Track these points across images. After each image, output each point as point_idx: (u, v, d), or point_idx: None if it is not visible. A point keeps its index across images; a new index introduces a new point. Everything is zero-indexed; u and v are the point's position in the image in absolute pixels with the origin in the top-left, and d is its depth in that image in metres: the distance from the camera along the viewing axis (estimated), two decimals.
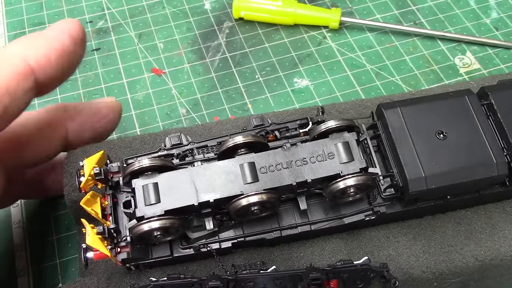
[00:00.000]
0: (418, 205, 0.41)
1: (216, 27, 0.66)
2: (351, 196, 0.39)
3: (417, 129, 0.40)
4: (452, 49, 0.63)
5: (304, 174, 0.38)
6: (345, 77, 0.61)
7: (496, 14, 0.67)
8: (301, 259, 0.42)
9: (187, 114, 0.58)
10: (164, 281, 0.36)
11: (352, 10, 0.68)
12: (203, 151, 0.42)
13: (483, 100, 0.42)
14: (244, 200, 0.37)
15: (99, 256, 0.37)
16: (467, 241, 0.43)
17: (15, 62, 0.33)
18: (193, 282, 0.36)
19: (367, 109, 0.49)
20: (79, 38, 0.36)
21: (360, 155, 0.39)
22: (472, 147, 0.39)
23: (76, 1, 0.69)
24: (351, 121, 0.40)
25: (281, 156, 0.38)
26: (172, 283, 0.36)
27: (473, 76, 0.60)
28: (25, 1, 0.68)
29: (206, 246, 0.40)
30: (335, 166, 0.38)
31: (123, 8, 0.68)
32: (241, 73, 0.62)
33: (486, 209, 0.44)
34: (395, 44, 0.64)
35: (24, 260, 0.48)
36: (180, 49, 0.64)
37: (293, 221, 0.41)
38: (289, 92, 0.60)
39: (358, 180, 0.37)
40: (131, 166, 0.38)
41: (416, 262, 0.42)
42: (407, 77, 0.61)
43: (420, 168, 0.38)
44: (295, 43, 0.64)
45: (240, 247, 0.41)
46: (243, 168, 0.38)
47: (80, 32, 0.36)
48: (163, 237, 0.37)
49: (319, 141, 0.39)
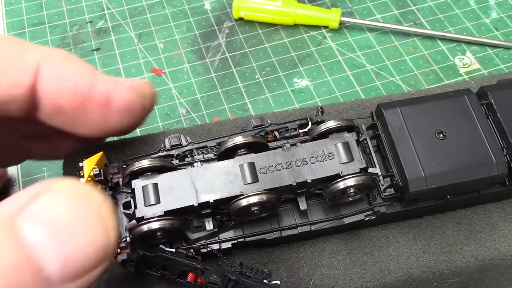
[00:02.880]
0: (418, 205, 0.41)
1: (216, 27, 0.66)
2: (351, 197, 0.39)
3: (416, 129, 0.40)
4: (452, 49, 0.63)
5: (304, 175, 0.38)
6: (345, 77, 0.61)
7: (496, 14, 0.67)
8: (301, 259, 0.42)
9: (187, 114, 0.58)
10: (169, 255, 0.36)
11: (352, 10, 0.68)
12: (202, 151, 0.42)
13: (482, 100, 0.42)
14: (244, 201, 0.37)
15: None
16: (467, 241, 0.43)
17: None
18: (195, 267, 0.36)
19: (367, 109, 0.49)
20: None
21: (360, 155, 0.39)
22: (471, 146, 0.39)
23: (76, 1, 0.69)
24: (351, 121, 0.40)
25: (281, 156, 0.38)
26: (177, 259, 0.36)
27: (473, 76, 0.60)
28: (25, 1, 0.68)
29: (206, 247, 0.40)
30: (335, 166, 0.38)
31: (123, 8, 0.68)
32: (241, 73, 0.62)
33: (486, 209, 0.44)
34: (395, 44, 0.64)
35: None
36: (180, 49, 0.64)
37: (293, 222, 0.41)
38: (289, 92, 0.60)
39: (358, 180, 0.37)
40: (131, 166, 0.38)
41: (416, 262, 0.42)
42: (407, 77, 0.61)
43: (420, 168, 0.38)
44: (295, 43, 0.64)
45: (240, 248, 0.41)
46: (243, 168, 0.38)
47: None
48: (163, 238, 0.37)
49: (319, 141, 0.39)
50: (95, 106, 0.35)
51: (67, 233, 0.25)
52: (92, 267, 0.26)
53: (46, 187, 0.26)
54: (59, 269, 0.25)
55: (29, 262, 0.24)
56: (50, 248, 0.24)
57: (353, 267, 0.41)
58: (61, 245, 0.25)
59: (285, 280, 0.41)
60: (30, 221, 0.25)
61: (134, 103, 0.36)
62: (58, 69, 0.34)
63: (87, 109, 0.35)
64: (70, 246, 0.25)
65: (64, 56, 0.35)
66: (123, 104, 0.35)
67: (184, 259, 0.37)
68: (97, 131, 0.36)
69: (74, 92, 0.34)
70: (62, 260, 0.25)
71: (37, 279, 0.24)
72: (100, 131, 0.36)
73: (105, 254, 0.27)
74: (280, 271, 0.41)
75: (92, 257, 0.26)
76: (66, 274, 0.25)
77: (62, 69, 0.34)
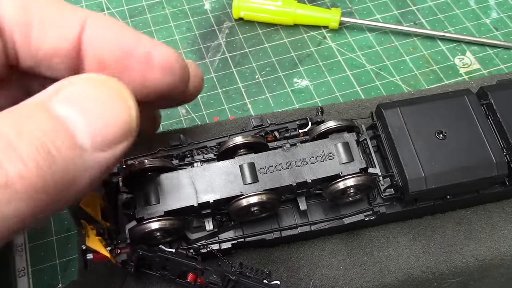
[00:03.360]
0: (418, 205, 0.41)
1: (216, 27, 0.66)
2: (351, 197, 0.39)
3: (416, 129, 0.40)
4: (452, 49, 0.63)
5: (304, 175, 0.38)
6: (345, 77, 0.61)
7: (496, 14, 0.67)
8: (301, 259, 0.42)
9: (187, 114, 0.58)
10: (169, 255, 0.37)
11: (352, 10, 0.68)
12: (202, 151, 0.42)
13: (482, 100, 0.42)
14: (244, 201, 0.37)
15: (99, 257, 0.37)
16: (467, 241, 0.43)
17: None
18: (195, 267, 0.36)
19: (367, 109, 0.49)
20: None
21: (360, 156, 0.39)
22: (471, 147, 0.39)
23: (76, 1, 0.68)
24: (351, 121, 0.40)
25: (281, 156, 0.38)
26: (177, 259, 0.37)
27: (473, 76, 0.60)
28: None
29: (206, 247, 0.40)
30: (335, 166, 0.38)
31: (123, 8, 0.68)
32: (241, 73, 0.62)
33: (486, 209, 0.44)
34: (395, 44, 0.64)
35: (24, 260, 0.48)
36: (180, 49, 0.64)
37: (293, 222, 0.41)
38: (289, 92, 0.60)
39: (358, 180, 0.37)
40: (131, 167, 0.38)
41: (416, 262, 0.42)
42: (407, 77, 0.61)
43: (419, 168, 0.38)
44: (295, 43, 0.64)
45: (240, 248, 0.42)
46: (242, 168, 0.38)
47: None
48: (163, 238, 0.37)
49: (319, 141, 0.39)
50: (137, 62, 0.36)
51: (94, 110, 0.29)
52: (118, 140, 0.30)
53: (71, 78, 0.30)
54: (89, 139, 0.28)
55: (64, 129, 0.28)
56: (81, 122, 0.28)
57: (353, 267, 0.42)
58: (90, 120, 0.28)
59: (285, 280, 0.41)
60: (61, 103, 0.28)
61: (174, 63, 0.37)
62: (103, 26, 0.35)
63: (129, 65, 0.36)
64: (98, 120, 0.29)
65: (109, 17, 0.37)
66: (163, 61, 0.36)
67: (184, 259, 0.37)
68: (138, 91, 0.37)
69: (118, 47, 0.35)
70: (92, 131, 0.28)
71: (72, 143, 0.28)
72: (141, 91, 0.37)
73: (128, 129, 0.30)
74: (280, 271, 0.41)
75: (118, 130, 0.30)
76: (95, 144, 0.29)
77: (107, 26, 0.35)
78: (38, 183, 0.26)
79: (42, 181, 0.26)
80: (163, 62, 0.36)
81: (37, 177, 0.26)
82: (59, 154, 0.27)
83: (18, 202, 0.26)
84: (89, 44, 0.35)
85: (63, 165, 0.27)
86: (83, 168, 0.29)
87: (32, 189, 0.26)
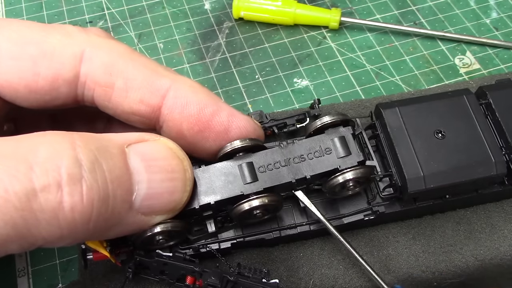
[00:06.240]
0: (417, 204, 0.41)
1: (216, 27, 0.66)
2: (350, 190, 0.39)
3: (415, 129, 0.40)
4: (452, 49, 0.63)
5: (303, 171, 0.38)
6: (345, 77, 0.61)
7: (496, 14, 0.67)
8: (300, 259, 0.42)
9: None
10: (167, 259, 0.37)
11: (352, 10, 0.68)
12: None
13: (481, 100, 0.42)
14: (246, 205, 0.36)
15: (99, 257, 0.37)
16: (467, 240, 0.43)
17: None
18: (193, 270, 0.36)
19: (366, 109, 0.49)
20: None
21: (356, 149, 0.39)
22: (470, 146, 0.39)
23: (76, 1, 0.69)
24: (345, 115, 0.40)
25: (279, 154, 0.38)
26: (175, 263, 0.37)
27: (473, 76, 0.60)
28: (25, 1, 0.68)
29: (206, 247, 0.40)
30: (333, 161, 0.38)
31: (123, 8, 0.68)
32: (241, 73, 0.62)
33: (486, 209, 0.44)
34: (395, 44, 0.64)
35: (24, 260, 0.48)
36: (180, 49, 0.64)
37: (292, 221, 0.41)
38: (289, 92, 0.60)
39: (356, 173, 0.37)
40: None
41: (416, 261, 0.42)
42: (407, 77, 0.61)
43: (418, 167, 0.38)
44: (295, 43, 0.64)
45: (239, 248, 0.42)
46: (241, 168, 0.38)
47: None
48: (166, 242, 0.37)
49: (316, 137, 0.39)
50: (214, 134, 0.37)
51: (158, 177, 0.31)
52: (161, 212, 0.32)
53: (154, 136, 0.33)
54: (141, 199, 0.30)
55: (128, 182, 0.30)
56: (144, 183, 0.30)
57: (352, 266, 0.42)
58: (150, 184, 0.31)
59: (285, 280, 0.41)
60: (136, 155, 0.31)
61: (250, 135, 0.38)
62: (185, 96, 0.36)
63: (205, 136, 0.37)
64: (156, 189, 0.31)
65: (193, 84, 0.37)
66: (240, 134, 0.38)
67: (182, 263, 0.37)
68: (210, 157, 0.39)
69: (198, 119, 0.36)
70: (148, 194, 0.31)
71: (127, 198, 0.30)
72: (212, 157, 0.39)
73: (174, 207, 0.33)
74: (280, 271, 0.41)
75: (166, 205, 0.32)
76: (143, 207, 0.31)
77: (189, 96, 0.36)
78: (82, 221, 0.27)
79: (86, 220, 0.28)
80: (240, 135, 0.38)
81: (84, 214, 0.27)
82: (113, 202, 0.29)
83: (54, 229, 0.27)
84: (169, 114, 0.36)
85: (110, 214, 0.29)
86: (123, 222, 0.30)
87: (73, 223, 0.27)
